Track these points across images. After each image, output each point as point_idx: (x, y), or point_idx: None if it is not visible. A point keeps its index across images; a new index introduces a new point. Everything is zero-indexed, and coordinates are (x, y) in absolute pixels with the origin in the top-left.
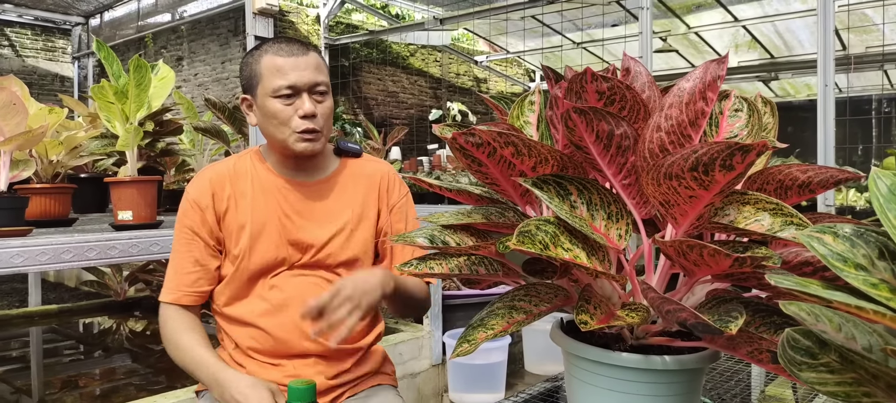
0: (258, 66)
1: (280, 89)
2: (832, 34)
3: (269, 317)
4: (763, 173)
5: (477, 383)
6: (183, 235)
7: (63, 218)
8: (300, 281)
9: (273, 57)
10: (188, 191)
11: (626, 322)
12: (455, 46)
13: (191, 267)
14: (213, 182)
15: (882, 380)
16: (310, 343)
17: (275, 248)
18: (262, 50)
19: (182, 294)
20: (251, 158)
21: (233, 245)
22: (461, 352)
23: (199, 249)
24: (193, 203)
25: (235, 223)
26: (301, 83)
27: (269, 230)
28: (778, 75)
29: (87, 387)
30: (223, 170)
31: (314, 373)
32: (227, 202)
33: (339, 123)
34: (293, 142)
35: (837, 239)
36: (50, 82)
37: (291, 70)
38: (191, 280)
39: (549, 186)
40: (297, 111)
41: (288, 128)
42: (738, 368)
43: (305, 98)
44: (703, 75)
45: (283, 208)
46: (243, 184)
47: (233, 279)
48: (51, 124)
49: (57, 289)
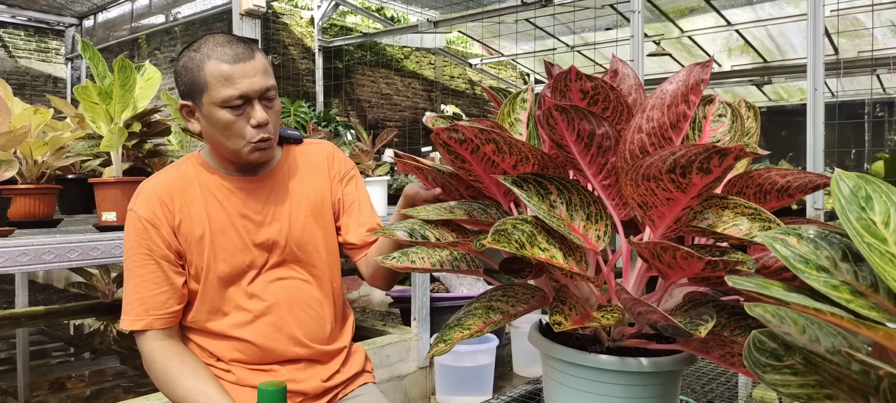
0: (201, 73)
1: (231, 99)
2: (822, 38)
3: (251, 328)
4: (743, 177)
5: (464, 385)
6: (139, 257)
7: (48, 219)
8: (279, 286)
9: (218, 63)
10: (135, 211)
11: (601, 323)
12: (449, 49)
13: (155, 288)
14: (159, 195)
15: (844, 383)
16: (298, 347)
17: (240, 253)
18: (202, 53)
19: (153, 318)
20: (193, 165)
21: (195, 256)
22: (437, 352)
23: (161, 269)
24: (145, 222)
25: (192, 234)
26: (252, 91)
27: (230, 235)
28: (771, 79)
29: (73, 389)
30: (167, 181)
31: (310, 376)
32: (179, 213)
33: (332, 125)
34: (247, 153)
35: (801, 240)
36: (43, 83)
37: (240, 78)
38: (159, 302)
39: (530, 185)
40: (249, 120)
41: (241, 139)
42: (724, 370)
43: (257, 106)
44: (686, 78)
45: (239, 210)
46: (191, 191)
47: (205, 292)
48: (36, 124)
49: (45, 291)
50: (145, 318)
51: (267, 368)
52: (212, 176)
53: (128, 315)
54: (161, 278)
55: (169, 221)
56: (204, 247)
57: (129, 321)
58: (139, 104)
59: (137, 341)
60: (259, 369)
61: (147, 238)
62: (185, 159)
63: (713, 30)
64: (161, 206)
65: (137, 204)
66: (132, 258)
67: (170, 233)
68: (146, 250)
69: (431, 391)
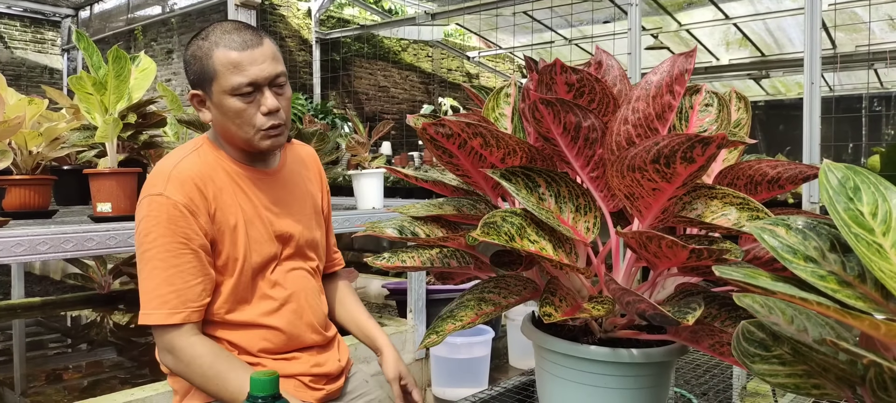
0: (210, 62)
1: (240, 87)
2: (819, 32)
3: (278, 315)
4: (734, 168)
5: (460, 377)
6: (174, 246)
7: (43, 210)
8: (295, 275)
9: (226, 51)
10: (167, 196)
11: (591, 314)
12: (447, 42)
13: (191, 279)
14: (195, 180)
15: (832, 372)
16: (314, 334)
17: (267, 243)
18: (211, 41)
19: (191, 310)
20: (211, 150)
21: (228, 246)
22: (429, 343)
23: (198, 258)
24: (182, 209)
25: (227, 223)
26: (261, 78)
27: (258, 225)
28: (769, 73)
29: (70, 380)
30: (197, 166)
31: (328, 359)
32: (214, 201)
33: (330, 118)
34: (259, 140)
35: (790, 231)
36: (39, 74)
37: (249, 65)
38: (196, 293)
39: (518, 178)
40: (260, 108)
41: (252, 127)
42: (718, 362)
43: (267, 93)
44: (671, 69)
45: (262, 201)
46: (219, 179)
47: (238, 283)
48: (30, 115)
49: (42, 282)
50: (183, 311)
51: (291, 356)
52: (232, 164)
53: (162, 308)
54: (198, 268)
55: (206, 209)
56: (238, 237)
57: (164, 314)
58: (134, 95)
59: (167, 336)
60: (283, 357)
61: (185, 225)
62: (197, 143)
63: (711, 23)
64: (198, 192)
65: (170, 189)
66: (165, 246)
67: (207, 221)
68: (183, 238)
69: (427, 382)
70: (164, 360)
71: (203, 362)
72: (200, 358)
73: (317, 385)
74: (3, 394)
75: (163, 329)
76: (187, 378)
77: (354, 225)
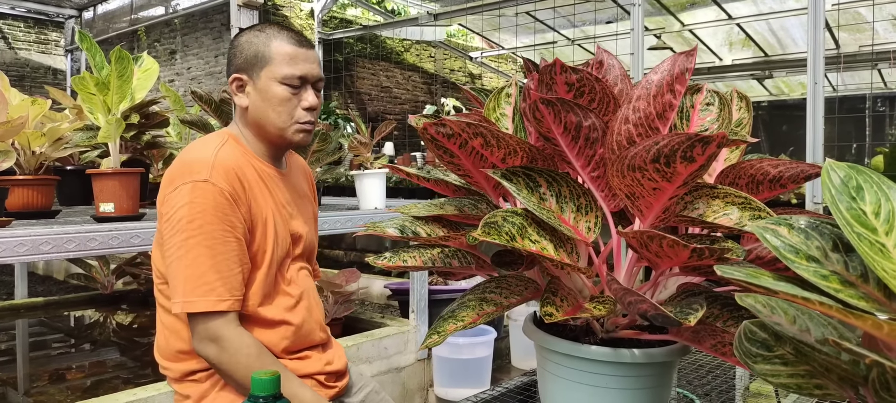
0: (267, 49)
1: (291, 77)
2: (822, 32)
3: (295, 311)
4: (736, 168)
5: (462, 377)
6: (221, 233)
7: (46, 210)
8: (303, 274)
9: (285, 42)
10: (213, 182)
11: (593, 314)
12: (450, 42)
13: (235, 267)
14: (235, 170)
15: (834, 373)
16: (321, 332)
17: (285, 240)
18: (269, 32)
19: (235, 299)
20: (236, 144)
21: (259, 238)
22: (430, 344)
23: (241, 246)
24: (228, 196)
25: (260, 214)
26: (310, 75)
27: (279, 221)
28: (772, 73)
29: (72, 380)
30: (235, 157)
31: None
32: (248, 193)
33: (332, 118)
34: (292, 132)
35: (792, 230)
36: (43, 75)
37: (303, 61)
38: (239, 282)
39: (519, 178)
40: (302, 102)
41: (290, 118)
42: (722, 362)
43: (310, 91)
44: (671, 68)
45: (278, 199)
46: (250, 172)
47: (266, 276)
48: (33, 115)
49: (45, 282)
50: (230, 299)
51: (303, 355)
52: (256, 160)
53: (209, 295)
54: (240, 256)
55: (246, 199)
56: (268, 230)
57: (212, 301)
58: (137, 95)
59: (212, 324)
60: (298, 357)
61: (231, 212)
62: (224, 137)
63: (714, 23)
64: (238, 182)
65: (215, 177)
66: (212, 233)
67: (247, 211)
68: (229, 225)
69: (429, 383)
70: (206, 350)
71: (250, 352)
72: (248, 348)
73: (330, 383)
74: (7, 394)
75: (207, 317)
76: (229, 369)
77: (357, 225)
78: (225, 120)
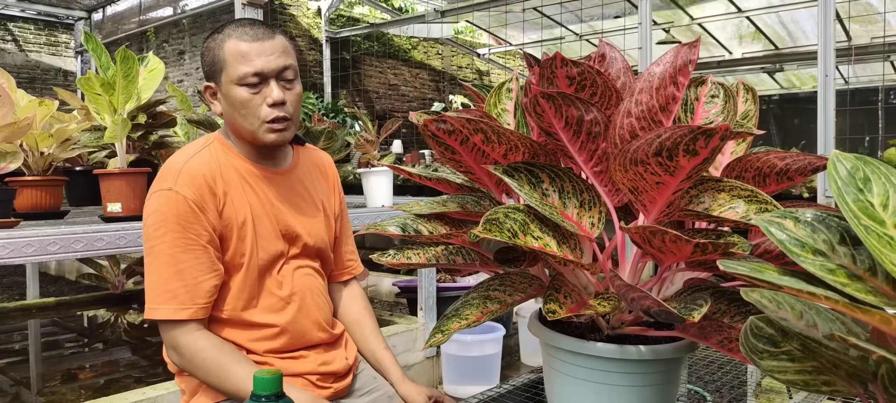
0: (221, 52)
1: (246, 76)
2: (833, 23)
3: (283, 313)
4: (742, 160)
5: (471, 375)
6: (183, 242)
7: (54, 211)
8: (300, 274)
9: (237, 42)
10: (177, 191)
11: (597, 311)
12: (457, 39)
13: (200, 275)
14: (205, 176)
15: (842, 369)
16: (321, 332)
17: (274, 241)
18: (224, 34)
19: (198, 307)
20: (221, 147)
21: (236, 243)
22: (434, 342)
23: (208, 254)
24: (192, 204)
25: (235, 219)
26: (268, 69)
27: (266, 223)
28: (783, 67)
29: (84, 379)
30: (206, 162)
31: (335, 358)
32: (223, 197)
33: (340, 116)
34: (263, 133)
35: (798, 224)
36: (53, 76)
37: (257, 55)
38: (204, 290)
39: (521, 174)
40: (266, 99)
41: (256, 119)
42: (732, 359)
43: (273, 85)
44: (674, 60)
45: (270, 200)
46: (228, 175)
47: (246, 279)
48: (41, 116)
49: (57, 282)
50: (191, 307)
51: (298, 355)
52: (242, 162)
53: (170, 303)
54: (207, 264)
55: (215, 205)
56: (246, 234)
57: (173, 309)
58: (143, 95)
59: (173, 332)
60: (290, 356)
61: (194, 220)
62: (208, 140)
63: (723, 16)
64: (208, 188)
65: (180, 185)
66: (173, 242)
67: (216, 217)
68: (193, 234)
69: (438, 380)
70: (170, 356)
71: (206, 356)
72: (203, 352)
73: (324, 384)
74: (20, 393)
75: (169, 324)
76: (192, 373)
77: (364, 224)
78: None
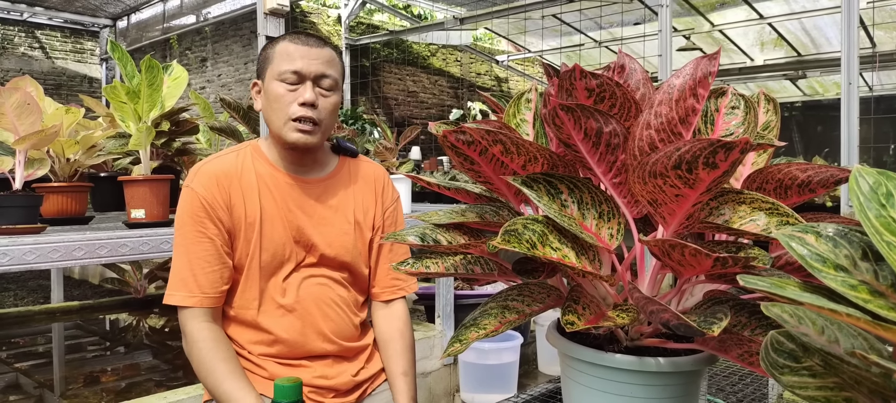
0: (272, 51)
1: (285, 73)
2: (856, 30)
3: (281, 322)
4: (763, 172)
5: (489, 383)
6: (193, 234)
7: (80, 216)
8: (310, 284)
9: (287, 44)
10: (194, 188)
11: (615, 322)
12: (476, 46)
13: (207, 266)
14: (217, 176)
15: (864, 386)
16: (326, 344)
17: (282, 246)
18: (281, 37)
19: (204, 295)
20: (251, 153)
21: (242, 242)
22: (452, 352)
23: (215, 246)
24: (202, 200)
25: (245, 219)
26: (307, 71)
27: (277, 227)
28: (806, 74)
29: (106, 383)
30: (226, 164)
31: (340, 372)
32: (234, 197)
33: (359, 123)
34: (287, 131)
35: (820, 239)
36: (79, 83)
37: (300, 57)
38: (211, 279)
39: (540, 185)
40: (298, 98)
41: (284, 115)
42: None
43: (308, 86)
44: (694, 71)
45: (288, 204)
46: (248, 178)
47: (247, 279)
48: (67, 124)
49: (81, 286)
50: (197, 295)
51: (297, 363)
52: (268, 167)
53: (179, 290)
54: (214, 256)
55: (224, 202)
56: (252, 235)
57: (181, 296)
58: (167, 103)
59: (181, 317)
60: (289, 364)
61: (204, 216)
62: (244, 146)
63: (745, 23)
64: (218, 187)
65: (196, 182)
66: (186, 233)
67: (226, 214)
68: (202, 227)
69: (456, 388)
70: (182, 341)
71: (202, 346)
72: (201, 343)
73: (320, 398)
74: (43, 395)
75: (180, 310)
76: (190, 359)
77: None
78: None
